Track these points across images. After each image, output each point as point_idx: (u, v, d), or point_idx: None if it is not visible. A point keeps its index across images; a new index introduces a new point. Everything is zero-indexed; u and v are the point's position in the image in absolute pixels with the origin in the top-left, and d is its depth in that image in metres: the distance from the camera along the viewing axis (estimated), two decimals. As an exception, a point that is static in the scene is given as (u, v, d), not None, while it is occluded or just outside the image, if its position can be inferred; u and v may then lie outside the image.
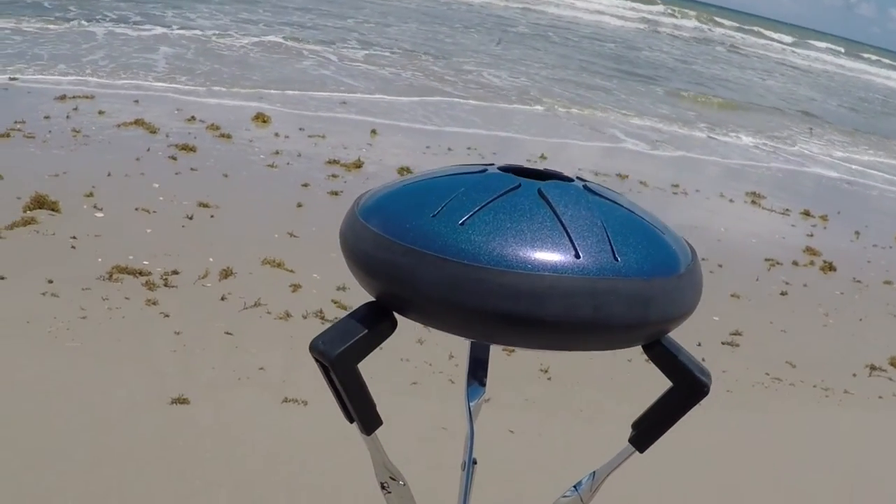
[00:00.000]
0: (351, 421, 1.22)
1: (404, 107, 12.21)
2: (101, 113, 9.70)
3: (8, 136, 8.35)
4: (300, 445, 3.91)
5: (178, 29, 15.74)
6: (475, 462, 1.37)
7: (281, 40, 16.06)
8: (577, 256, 1.04)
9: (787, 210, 10.90)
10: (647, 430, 1.25)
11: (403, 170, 8.65)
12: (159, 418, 4.10)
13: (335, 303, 5.48)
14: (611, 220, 1.10)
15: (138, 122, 9.43)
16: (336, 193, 7.81)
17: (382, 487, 1.34)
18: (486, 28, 23.84)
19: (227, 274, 5.75)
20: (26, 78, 10.99)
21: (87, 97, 10.30)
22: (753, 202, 10.98)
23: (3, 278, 5.32)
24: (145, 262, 5.76)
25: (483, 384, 1.35)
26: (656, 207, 8.31)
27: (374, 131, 10.37)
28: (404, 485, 1.34)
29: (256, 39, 15.83)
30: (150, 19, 16.36)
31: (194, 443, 3.93)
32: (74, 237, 6.06)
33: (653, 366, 1.19)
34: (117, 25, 15.36)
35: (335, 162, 8.73)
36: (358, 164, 8.70)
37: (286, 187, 7.93)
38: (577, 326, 1.04)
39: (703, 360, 5.30)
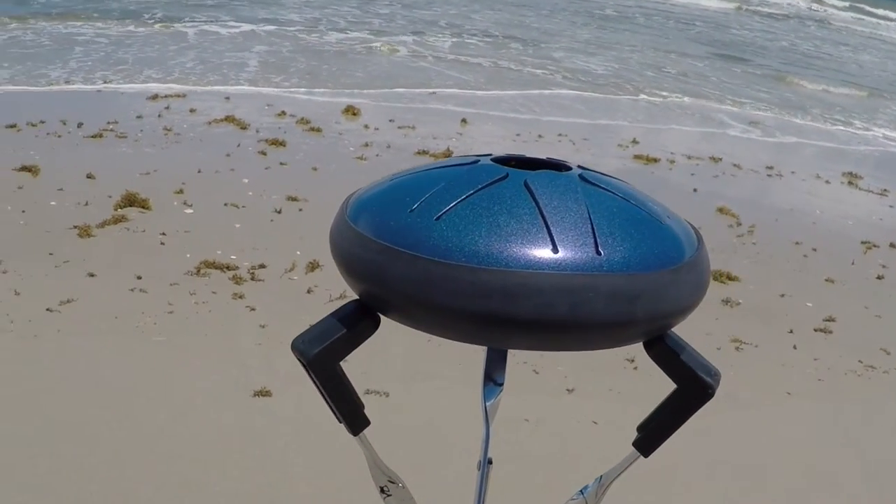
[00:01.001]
0: (340, 421, 1.19)
1: (494, 95, 12.10)
2: (192, 111, 9.80)
3: (101, 136, 8.48)
4: (380, 437, 3.84)
5: (266, 25, 15.85)
6: (490, 462, 1.32)
7: (368, 35, 16.04)
8: (555, 251, 0.98)
9: (886, 190, 10.48)
10: (651, 434, 1.20)
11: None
12: (241, 410, 4.10)
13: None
14: (601, 212, 1.04)
15: (229, 119, 9.50)
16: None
17: (382, 491, 1.32)
18: (573, 11, 23.51)
19: (313, 267, 5.73)
20: (118, 79, 11.15)
21: (178, 96, 10.43)
22: (850, 183, 10.59)
23: (92, 275, 5.37)
24: (233, 257, 5.77)
25: (499, 384, 1.27)
26: (748, 190, 8.14)
27: (464, 121, 10.29)
28: (403, 487, 1.32)
29: (344, 35, 15.84)
30: (238, 17, 16.51)
31: (275, 434, 3.91)
32: (164, 234, 6.10)
33: (747, 356, 1.08)
34: (207, 24, 15.52)
35: (424, 152, 8.68)
36: (447, 154, 8.62)
37: (374, 179, 7.87)
38: (552, 325, 0.99)
39: (795, 347, 5.15)
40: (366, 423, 1.20)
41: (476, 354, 1.17)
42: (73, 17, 15.33)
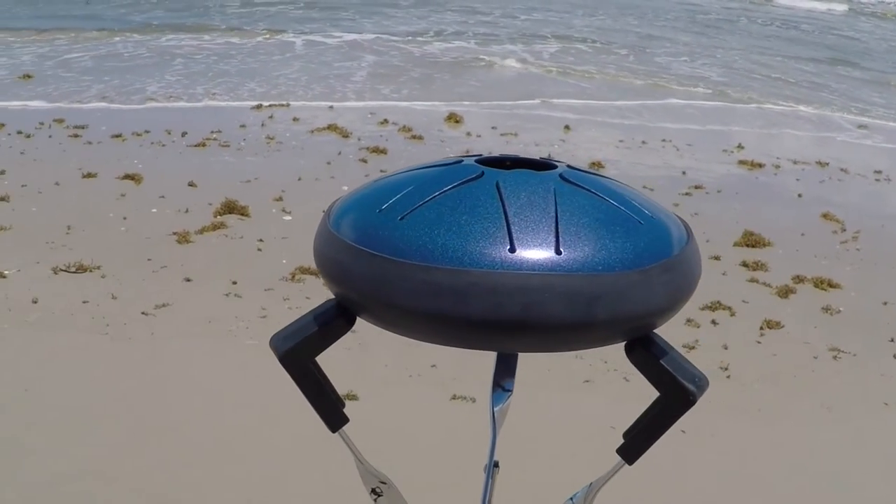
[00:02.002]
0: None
1: (597, 101, 11.94)
2: (295, 120, 9.88)
3: (204, 145, 8.60)
4: (466, 442, 3.75)
5: (371, 35, 15.92)
6: (496, 465, 1.28)
7: (473, 44, 16.02)
8: (512, 251, 0.95)
9: None
10: (634, 441, 1.13)
11: (594, 164, 8.40)
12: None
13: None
14: (573, 212, 1.01)
15: (331, 128, 9.55)
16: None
17: (373, 493, 1.31)
18: (674, 16, 23.13)
19: (408, 273, 5.66)
20: (221, 90, 11.31)
21: (282, 105, 10.53)
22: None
23: (189, 280, 5.40)
24: (329, 263, 5.74)
25: (508, 389, 1.21)
26: (855, 195, 7.85)
27: (567, 127, 10.17)
28: (392, 487, 1.32)
29: (449, 45, 15.84)
30: (342, 28, 16.64)
31: (360, 438, 3.81)
32: (261, 240, 6.12)
33: (844, 365, 0.97)
34: (312, 35, 15.66)
35: (525, 159, 8.56)
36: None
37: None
38: (505, 326, 0.96)
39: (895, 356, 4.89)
40: (344, 420, 1.19)
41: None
42: (178, 29, 15.64)
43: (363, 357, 4.56)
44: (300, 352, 1.11)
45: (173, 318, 4.98)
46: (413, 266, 0.97)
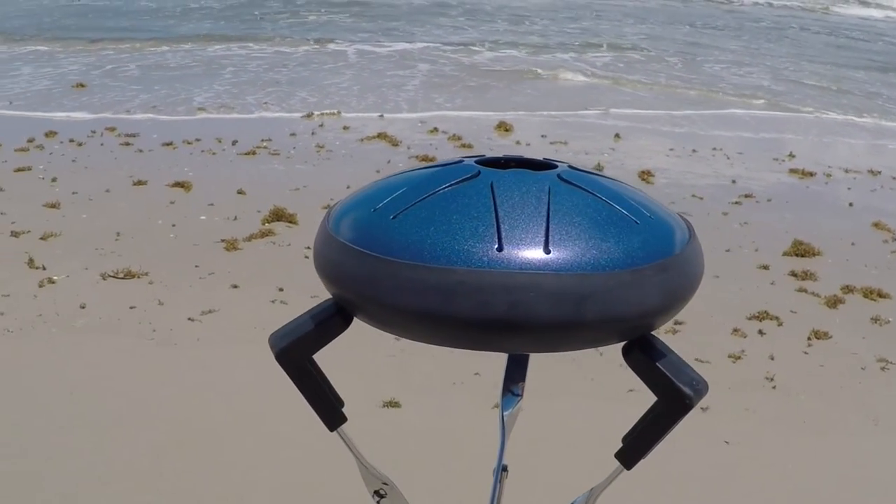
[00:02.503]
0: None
1: (649, 110, 11.83)
2: (345, 129, 9.90)
3: (254, 153, 8.64)
4: (507, 450, 3.71)
5: (421, 44, 15.94)
6: (504, 469, 1.31)
7: (524, 54, 15.98)
8: (500, 249, 0.95)
9: None
10: (632, 445, 1.10)
11: (644, 173, 8.32)
12: (369, 421, 4.03)
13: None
14: (566, 212, 1.00)
15: (381, 136, 9.56)
16: (572, 199, 7.57)
17: (377, 494, 1.33)
18: (723, 25, 22.83)
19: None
20: (272, 100, 11.36)
21: (332, 114, 10.54)
22: None
23: (235, 287, 5.41)
24: (375, 270, 5.73)
25: (517, 394, 1.24)
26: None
27: (617, 135, 10.08)
28: (392, 486, 1.33)
29: (500, 53, 15.81)
30: (393, 37, 16.67)
31: (401, 445, 3.83)
32: (308, 247, 6.11)
33: (893, 376, 0.92)
34: (362, 45, 15.72)
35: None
36: (598, 169, 8.43)
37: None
38: (492, 325, 0.95)
39: None
40: (342, 419, 1.20)
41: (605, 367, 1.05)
42: (227, 39, 15.77)
43: (406, 364, 4.54)
44: (296, 350, 1.11)
45: (219, 324, 4.99)
46: (402, 264, 0.96)
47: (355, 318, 1.09)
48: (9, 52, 14.52)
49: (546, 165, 1.10)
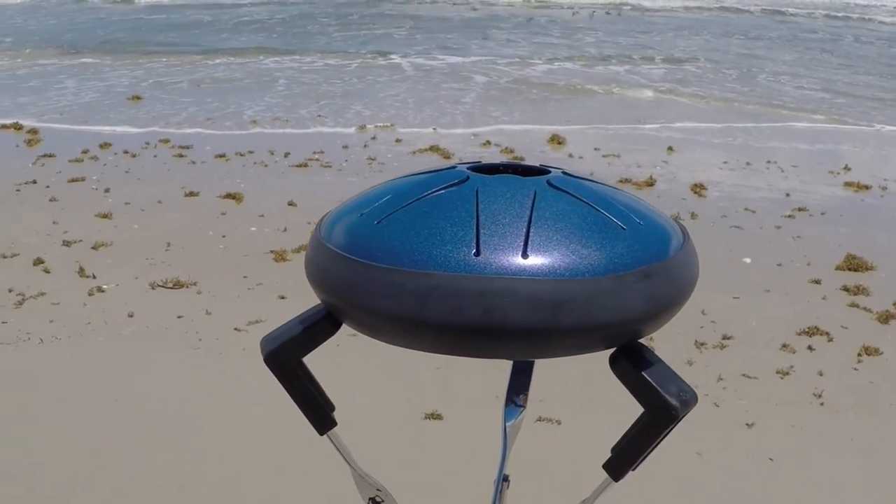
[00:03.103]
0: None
1: (703, 123, 11.70)
2: (398, 141, 9.92)
3: (305, 165, 8.67)
4: (549, 464, 3.67)
5: (475, 57, 15.94)
6: (505, 479, 1.32)
7: (579, 66, 15.90)
8: (477, 254, 0.95)
9: None
10: (620, 456, 1.09)
11: (696, 186, 8.22)
12: (410, 433, 4.02)
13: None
14: (549, 217, 0.99)
15: (433, 149, 9.56)
16: (623, 212, 7.49)
17: (372, 501, 1.34)
18: (778, 34, 22.52)
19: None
20: (326, 112, 11.40)
21: (386, 126, 10.55)
22: None
23: (283, 298, 5.41)
24: (422, 281, 5.71)
25: (520, 405, 1.26)
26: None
27: (670, 148, 9.97)
28: (385, 493, 1.35)
29: (554, 66, 15.75)
30: (448, 51, 16.69)
31: (441, 458, 3.81)
32: (356, 258, 6.10)
33: None
34: (416, 58, 15.75)
35: (627, 180, 8.44)
36: (650, 182, 8.36)
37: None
38: (467, 330, 0.95)
39: None
40: (332, 423, 1.22)
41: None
42: (280, 52, 15.88)
43: (450, 377, 4.51)
44: (284, 353, 1.13)
45: (265, 334, 4.98)
46: (380, 269, 0.97)
47: (344, 324, 1.09)
48: (63, 65, 14.79)
49: (540, 172, 1.09)
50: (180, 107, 11.53)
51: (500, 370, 1.43)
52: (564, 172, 1.09)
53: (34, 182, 7.79)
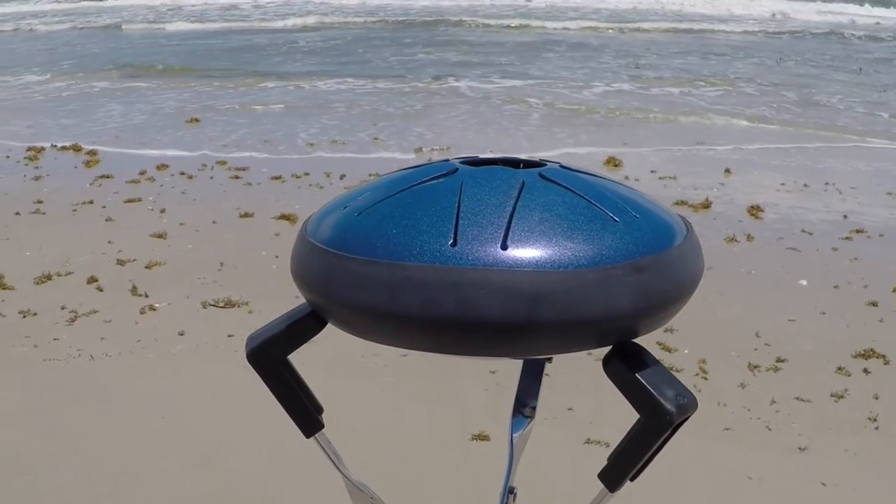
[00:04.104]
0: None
1: (761, 144, 11.56)
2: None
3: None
4: (594, 487, 3.59)
5: (532, 81, 15.92)
6: (511, 492, 1.31)
7: (634, 88, 15.80)
8: (454, 245, 0.90)
9: None
10: (615, 465, 1.01)
11: (753, 208, 8.10)
12: (457, 453, 3.99)
13: (659, 344, 5.11)
14: (534, 208, 0.94)
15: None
16: (678, 234, 7.40)
17: None
18: (832, 55, 22.15)
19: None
20: (385, 135, 11.45)
21: (443, 149, 10.57)
22: None
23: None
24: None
25: (527, 416, 1.27)
26: None
27: (727, 170, 9.85)
28: (378, 501, 1.30)
29: (608, 89, 15.66)
30: (505, 74, 16.67)
31: (488, 479, 3.72)
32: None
33: None
34: (475, 80, 15.78)
35: (683, 202, 8.34)
36: (706, 205, 8.26)
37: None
38: (440, 323, 0.90)
39: None
40: (318, 426, 1.19)
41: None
42: (336, 75, 15.98)
43: (499, 397, 4.46)
44: (267, 351, 1.10)
45: (314, 354, 4.95)
46: (355, 260, 0.93)
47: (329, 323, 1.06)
48: (122, 87, 14.99)
49: (533, 165, 1.05)
50: (236, 129, 11.60)
51: (549, 389, 1.39)
52: (562, 166, 1.05)
53: (91, 202, 7.87)
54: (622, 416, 1.01)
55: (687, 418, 0.95)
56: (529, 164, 1.05)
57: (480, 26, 24.80)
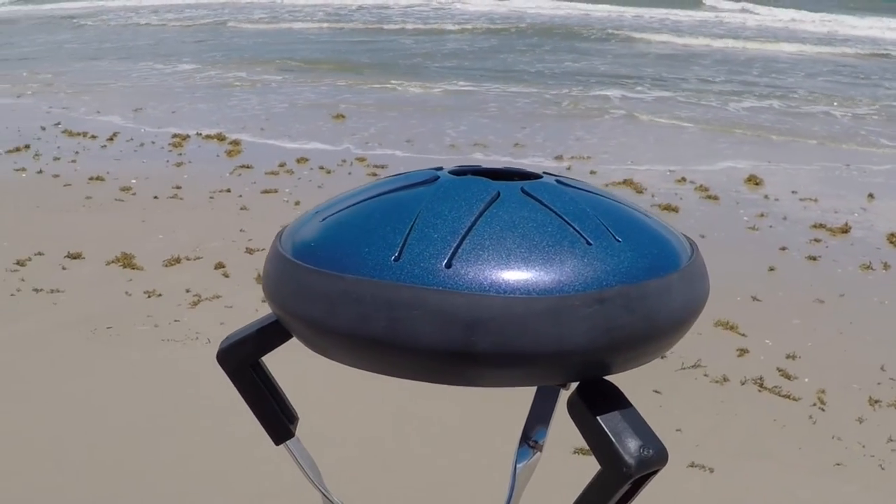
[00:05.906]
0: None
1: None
2: (592, 173, 9.83)
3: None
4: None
5: (684, 93, 15.67)
6: None
7: (778, 105, 15.34)
8: (397, 259, 0.84)
9: None
10: None
11: (892, 235, 7.81)
12: (559, 468, 3.91)
13: (780, 371, 4.96)
14: (497, 224, 0.86)
15: (626, 182, 9.44)
16: (814, 258, 7.18)
17: None
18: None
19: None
20: (528, 141, 11.43)
21: (583, 158, 10.48)
22: None
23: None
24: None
25: (533, 446, 1.07)
26: None
27: (870, 195, 9.51)
28: None
29: (752, 105, 15.25)
30: (653, 84, 16.45)
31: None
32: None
33: None
34: (625, 90, 15.62)
35: (821, 226, 8.10)
36: (844, 230, 7.99)
37: (762, 250, 7.44)
38: (370, 342, 0.84)
39: None
40: (288, 435, 1.16)
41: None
42: (481, 79, 15.97)
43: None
44: (236, 353, 1.08)
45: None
46: (304, 269, 0.89)
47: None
48: (271, 79, 15.48)
49: (523, 176, 0.97)
50: (379, 127, 11.78)
51: (658, 410, 1.32)
52: (559, 180, 0.96)
53: (228, 190, 8.12)
54: (733, 442, 0.97)
55: (654, 472, 0.85)
56: (525, 175, 0.98)
57: (622, 39, 24.57)
